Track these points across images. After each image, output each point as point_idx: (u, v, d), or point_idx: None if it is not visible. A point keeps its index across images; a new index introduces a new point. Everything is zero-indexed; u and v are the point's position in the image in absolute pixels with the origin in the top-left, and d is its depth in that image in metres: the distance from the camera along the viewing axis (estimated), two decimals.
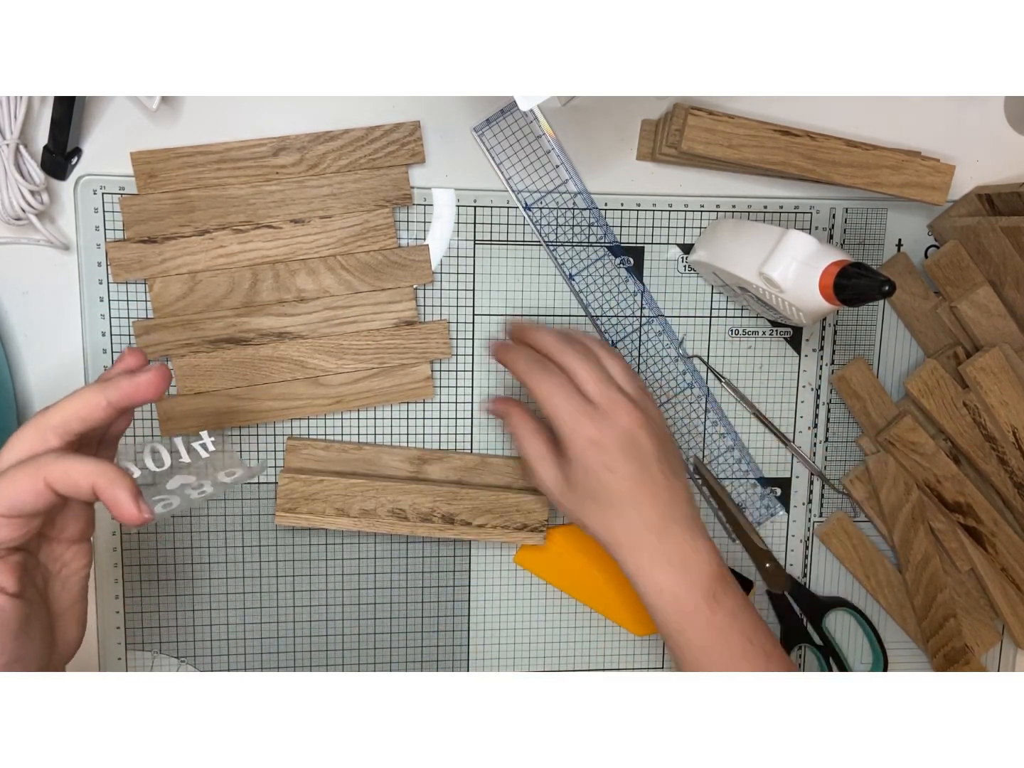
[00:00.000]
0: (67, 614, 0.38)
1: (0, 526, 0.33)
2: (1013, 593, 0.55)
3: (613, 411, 0.43)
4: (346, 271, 0.49)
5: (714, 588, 0.43)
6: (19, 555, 0.35)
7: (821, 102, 0.52)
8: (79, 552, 0.38)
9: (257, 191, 0.48)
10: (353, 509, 0.50)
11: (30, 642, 0.35)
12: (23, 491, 0.33)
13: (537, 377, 0.44)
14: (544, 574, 0.55)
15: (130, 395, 0.35)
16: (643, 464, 0.43)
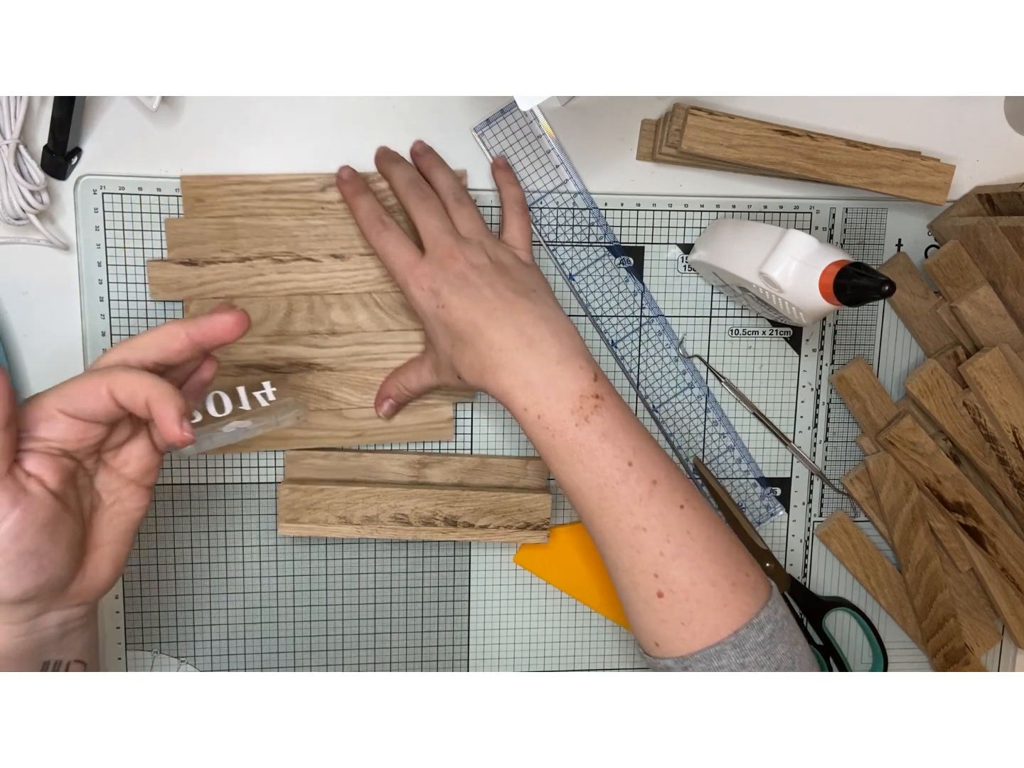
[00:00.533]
0: (105, 549, 0.39)
1: (59, 422, 0.35)
2: (1013, 593, 0.55)
3: (440, 256, 0.44)
4: (380, 308, 0.50)
5: (582, 406, 0.42)
6: (70, 462, 0.37)
7: (821, 102, 0.52)
8: (135, 493, 0.39)
9: (301, 224, 0.49)
10: (355, 516, 0.50)
11: (54, 546, 0.36)
12: (87, 393, 0.35)
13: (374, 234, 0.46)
14: (544, 574, 0.55)
15: (206, 332, 0.37)
16: (472, 293, 0.43)
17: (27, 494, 0.35)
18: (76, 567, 0.38)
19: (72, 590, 0.38)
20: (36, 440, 0.36)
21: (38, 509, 0.35)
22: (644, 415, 0.54)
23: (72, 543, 0.37)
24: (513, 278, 0.44)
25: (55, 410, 0.35)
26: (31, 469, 0.35)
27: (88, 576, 0.39)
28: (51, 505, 0.36)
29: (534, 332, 0.42)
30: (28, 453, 0.35)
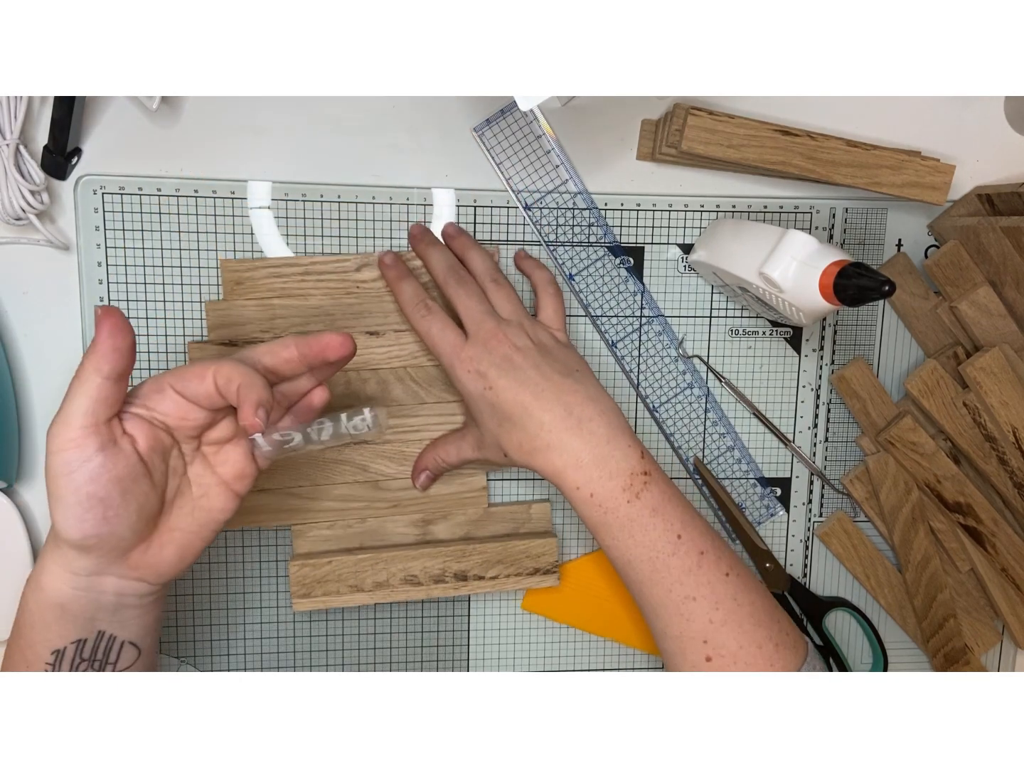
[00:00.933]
0: (177, 534, 0.40)
1: (167, 396, 0.39)
2: (1013, 593, 0.55)
3: (484, 339, 0.45)
4: (414, 382, 0.51)
5: (632, 483, 0.43)
6: (167, 437, 0.39)
7: (821, 102, 0.52)
8: (223, 494, 0.41)
9: (337, 303, 0.50)
10: (366, 583, 0.51)
11: (123, 502, 0.38)
12: (195, 375, 0.38)
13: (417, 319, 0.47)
14: (555, 615, 0.55)
15: (312, 346, 0.40)
16: (521, 374, 0.44)
17: (115, 446, 0.37)
18: (142, 535, 0.39)
19: (133, 559, 0.39)
20: (144, 408, 0.38)
21: (119, 462, 0.37)
22: (644, 415, 0.54)
23: (143, 508, 0.39)
24: (556, 359, 0.46)
25: (167, 384, 0.39)
26: (128, 428, 0.38)
27: (152, 552, 0.40)
28: (134, 465, 0.38)
29: (582, 412, 0.44)
30: (132, 416, 0.38)
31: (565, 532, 0.54)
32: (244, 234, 0.50)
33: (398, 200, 0.51)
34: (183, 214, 0.49)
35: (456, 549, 0.51)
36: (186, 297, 0.50)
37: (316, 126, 0.50)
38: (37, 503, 0.50)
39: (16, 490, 0.50)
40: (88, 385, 0.36)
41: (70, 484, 0.36)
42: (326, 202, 0.50)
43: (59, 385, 0.49)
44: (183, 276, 0.50)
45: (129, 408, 0.38)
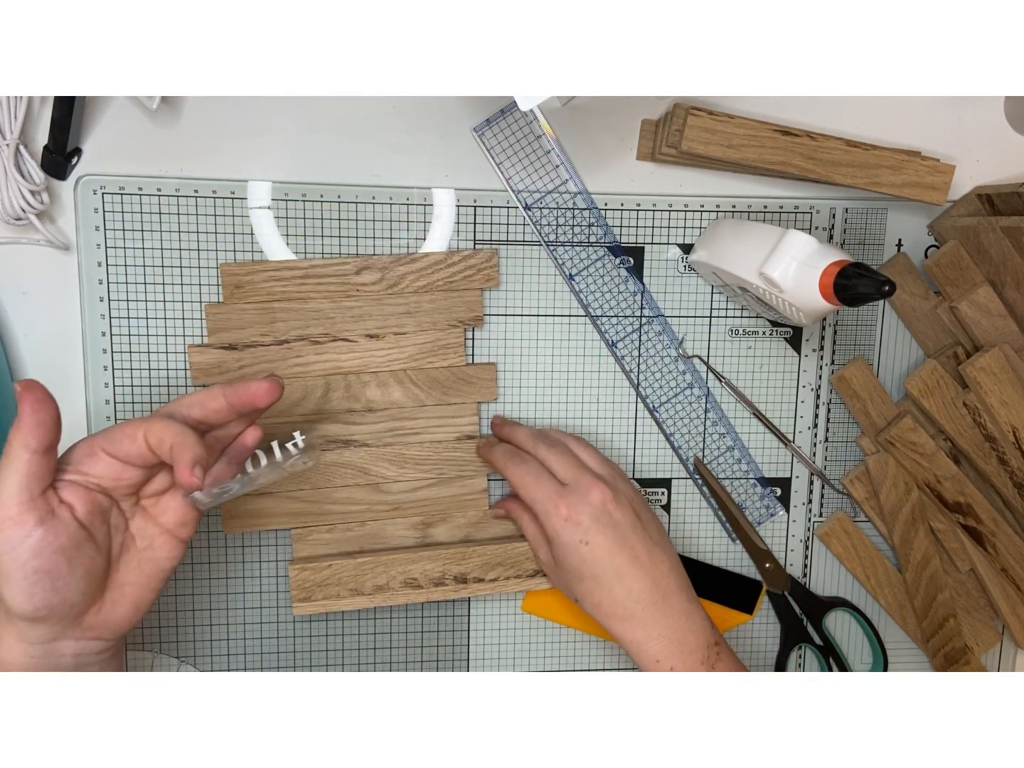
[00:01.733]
0: (127, 589, 0.41)
1: (100, 459, 0.38)
2: (1013, 593, 0.55)
3: (584, 489, 0.45)
4: (414, 385, 0.51)
5: (708, 656, 0.45)
6: (105, 499, 0.39)
7: (821, 102, 0.52)
8: (168, 543, 0.41)
9: (337, 306, 0.50)
10: (366, 587, 0.51)
11: (70, 570, 0.38)
12: (126, 435, 0.38)
13: (512, 467, 0.48)
14: (554, 616, 0.55)
15: (241, 395, 0.40)
16: (618, 534, 0.45)
17: (54, 517, 0.37)
18: (93, 598, 0.39)
19: (87, 621, 0.39)
20: (77, 473, 0.38)
21: (60, 533, 0.37)
22: (644, 415, 0.54)
23: (91, 573, 0.39)
24: (645, 521, 0.47)
25: (98, 448, 0.38)
26: (65, 496, 0.38)
27: (105, 611, 0.40)
28: (75, 532, 0.38)
29: (667, 585, 0.45)
30: (67, 483, 0.38)
31: None
32: (244, 234, 0.50)
33: (398, 200, 0.51)
34: (183, 214, 0.49)
35: (456, 552, 0.51)
36: (186, 298, 0.50)
37: (316, 126, 0.49)
38: None
39: None
40: (18, 462, 0.36)
41: (14, 561, 0.36)
42: (326, 202, 0.50)
43: (59, 385, 0.49)
44: (183, 276, 0.50)
45: (63, 476, 0.38)
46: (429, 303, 0.50)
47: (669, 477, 0.55)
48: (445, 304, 0.50)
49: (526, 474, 0.47)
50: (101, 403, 0.50)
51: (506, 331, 0.52)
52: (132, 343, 0.50)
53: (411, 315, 0.50)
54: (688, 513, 0.55)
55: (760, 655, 0.57)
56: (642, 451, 0.54)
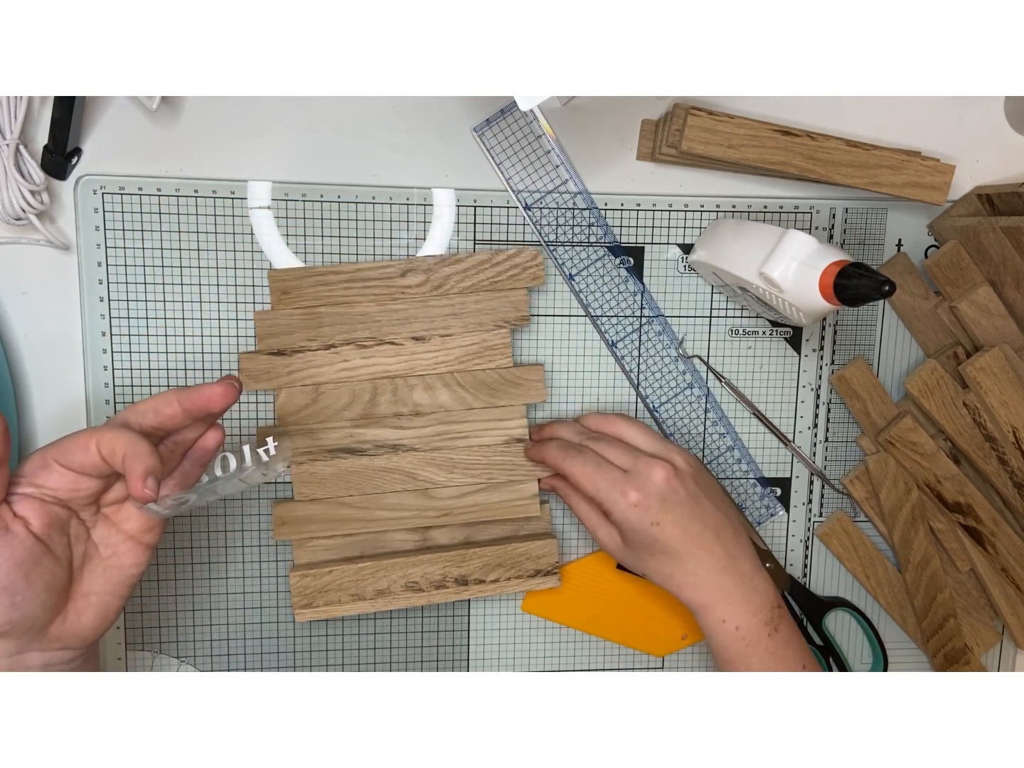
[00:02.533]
0: (93, 598, 0.40)
1: (53, 471, 0.37)
2: (1013, 593, 0.55)
3: (646, 473, 0.46)
4: (461, 388, 0.51)
5: (772, 617, 0.47)
6: (62, 510, 0.38)
7: (821, 102, 0.52)
8: (133, 550, 0.40)
9: (383, 309, 0.50)
10: (367, 591, 0.51)
11: (28, 585, 0.37)
12: (78, 446, 0.37)
13: (570, 461, 0.47)
14: (555, 616, 0.55)
15: (195, 400, 0.39)
16: (685, 509, 0.46)
17: (8, 532, 0.36)
18: (55, 610, 0.39)
19: (52, 633, 0.39)
20: (32, 486, 0.37)
21: (16, 548, 0.36)
22: (644, 415, 0.54)
23: (51, 585, 0.38)
24: (705, 487, 0.48)
25: (51, 459, 0.37)
26: (19, 511, 0.37)
27: (71, 620, 0.39)
28: (30, 547, 0.37)
29: (735, 550, 0.47)
30: (20, 497, 0.37)
31: (565, 532, 0.54)
32: (244, 234, 0.50)
33: (398, 200, 0.51)
34: (183, 214, 0.49)
35: (456, 554, 0.51)
36: (186, 297, 0.50)
37: (316, 126, 0.50)
38: None
39: None
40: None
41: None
42: (326, 202, 0.50)
43: (59, 385, 0.50)
44: (183, 276, 0.50)
45: (16, 489, 0.37)
46: (475, 304, 0.50)
47: None
48: (491, 305, 0.50)
49: (585, 464, 0.47)
50: (101, 403, 0.50)
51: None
52: (132, 343, 0.50)
53: (457, 316, 0.50)
54: None
55: None
56: None
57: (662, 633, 0.55)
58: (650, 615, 0.55)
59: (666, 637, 0.55)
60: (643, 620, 0.54)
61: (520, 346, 0.53)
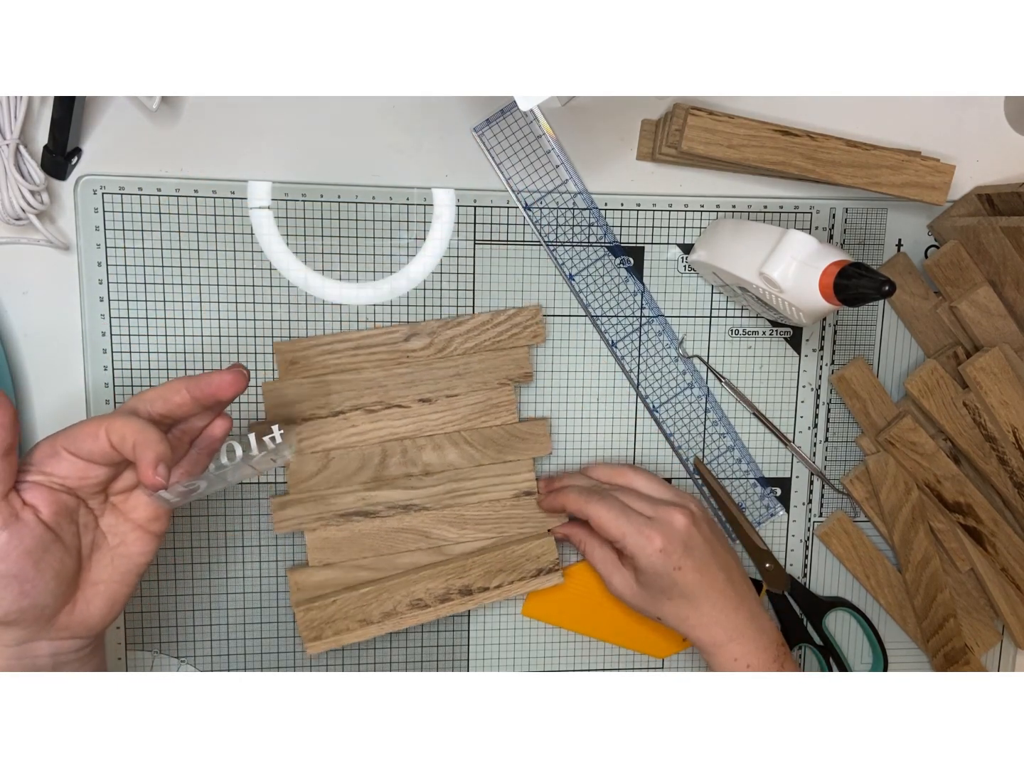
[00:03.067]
0: (101, 587, 0.40)
1: (63, 459, 0.38)
2: (1013, 593, 0.55)
3: (668, 520, 0.47)
4: (469, 445, 0.51)
5: (779, 654, 0.48)
6: (70, 498, 0.38)
7: (821, 102, 0.52)
8: (141, 538, 0.41)
9: (389, 374, 0.50)
10: (374, 615, 0.51)
11: (38, 573, 0.37)
12: (88, 434, 0.37)
13: (593, 505, 0.48)
14: (556, 620, 0.55)
15: (204, 388, 0.39)
16: (701, 554, 0.48)
17: (18, 520, 0.36)
18: (64, 598, 0.39)
19: (61, 621, 0.39)
20: (41, 474, 0.38)
21: (25, 535, 0.36)
22: (644, 415, 0.54)
23: (60, 574, 0.38)
24: (716, 531, 0.50)
25: (60, 447, 0.37)
26: (28, 499, 0.37)
27: (79, 609, 0.39)
28: (40, 534, 0.37)
29: (744, 590, 0.49)
30: (30, 485, 0.37)
31: None
32: (244, 234, 0.50)
33: (398, 200, 0.51)
34: (183, 214, 0.49)
35: (456, 566, 0.51)
36: (186, 297, 0.50)
37: (316, 126, 0.50)
38: None
39: None
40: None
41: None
42: (326, 202, 0.50)
43: (59, 385, 0.50)
44: (183, 276, 0.50)
45: (26, 477, 0.37)
46: (478, 364, 0.51)
47: (669, 477, 0.55)
48: (494, 363, 0.51)
49: (611, 509, 0.47)
50: (101, 403, 0.50)
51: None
52: (132, 343, 0.50)
53: (461, 376, 0.51)
54: None
55: None
56: (642, 451, 0.54)
57: (663, 634, 0.55)
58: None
59: (667, 638, 0.55)
60: (643, 621, 0.54)
61: None
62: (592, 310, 0.53)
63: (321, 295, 0.51)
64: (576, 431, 0.54)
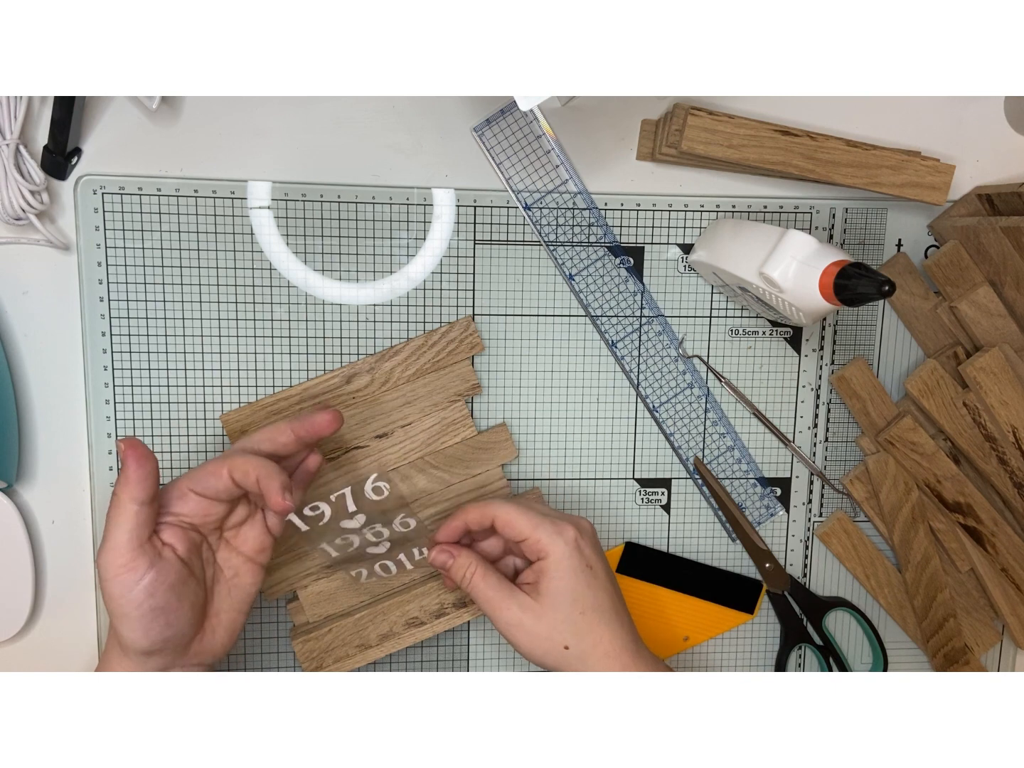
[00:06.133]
0: (223, 616, 0.45)
1: (189, 500, 0.42)
2: (1013, 593, 0.55)
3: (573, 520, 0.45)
4: (436, 468, 0.52)
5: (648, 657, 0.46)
6: (197, 535, 0.43)
7: (821, 102, 0.52)
8: (251, 570, 0.45)
9: None
10: (371, 639, 0.51)
11: (179, 604, 0.41)
12: (211, 474, 0.42)
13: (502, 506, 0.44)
14: None
15: (307, 428, 0.44)
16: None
17: (161, 558, 0.41)
18: (198, 627, 0.43)
19: (193, 649, 0.43)
20: (171, 515, 0.42)
21: (169, 572, 0.41)
22: (644, 415, 0.54)
23: (195, 604, 0.43)
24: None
25: (187, 489, 0.42)
26: (166, 538, 0.42)
27: (207, 638, 0.44)
28: (180, 570, 0.41)
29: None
30: (164, 525, 0.42)
31: None
32: (244, 234, 0.50)
33: (398, 200, 0.51)
34: (183, 214, 0.49)
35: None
36: (186, 298, 0.50)
37: (316, 126, 0.50)
38: (37, 503, 0.50)
39: (16, 490, 0.50)
40: (127, 514, 0.40)
41: (131, 602, 0.40)
42: (326, 202, 0.50)
43: (59, 385, 0.50)
44: (183, 276, 0.50)
45: (160, 519, 0.42)
46: (424, 387, 0.51)
47: (669, 477, 0.55)
48: (439, 383, 0.51)
49: (518, 506, 0.44)
50: (101, 403, 0.50)
51: (506, 331, 0.52)
52: (132, 343, 0.50)
53: (411, 404, 0.51)
54: (688, 513, 0.55)
55: (760, 655, 0.57)
56: (642, 451, 0.54)
57: (663, 635, 0.55)
58: (651, 617, 0.55)
59: (667, 639, 0.55)
60: (644, 622, 0.54)
61: (520, 346, 0.52)
62: (592, 310, 0.53)
63: (321, 295, 0.51)
64: (576, 431, 0.54)
